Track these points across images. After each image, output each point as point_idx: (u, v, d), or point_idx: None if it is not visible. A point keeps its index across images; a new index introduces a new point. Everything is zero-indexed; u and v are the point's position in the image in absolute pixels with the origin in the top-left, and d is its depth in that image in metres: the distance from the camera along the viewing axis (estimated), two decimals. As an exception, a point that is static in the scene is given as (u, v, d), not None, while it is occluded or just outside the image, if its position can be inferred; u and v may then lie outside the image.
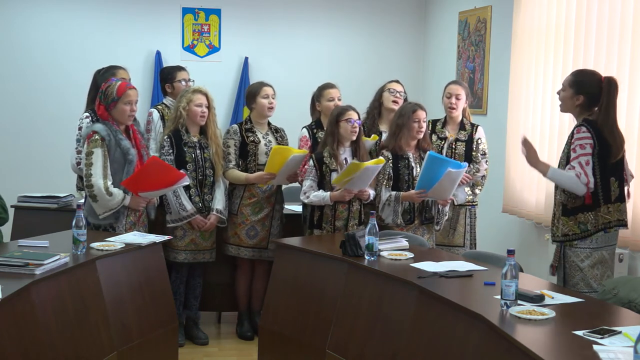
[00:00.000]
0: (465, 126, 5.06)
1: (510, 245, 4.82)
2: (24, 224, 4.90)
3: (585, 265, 3.77)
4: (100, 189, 4.11)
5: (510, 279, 2.83)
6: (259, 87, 4.88)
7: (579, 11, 4.98)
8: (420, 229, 4.70)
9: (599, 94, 3.76)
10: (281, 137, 4.99)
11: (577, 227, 3.77)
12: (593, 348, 2.41)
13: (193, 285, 4.87)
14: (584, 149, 3.72)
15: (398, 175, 4.63)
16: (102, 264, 3.63)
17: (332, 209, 4.61)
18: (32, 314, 3.07)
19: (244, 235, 4.85)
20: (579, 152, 3.73)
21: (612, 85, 3.76)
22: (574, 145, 3.76)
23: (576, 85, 3.82)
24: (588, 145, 3.71)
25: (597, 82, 3.79)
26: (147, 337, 3.88)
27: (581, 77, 3.86)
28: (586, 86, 3.80)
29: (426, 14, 7.73)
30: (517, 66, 5.76)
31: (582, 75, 3.89)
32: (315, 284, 3.96)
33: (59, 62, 7.12)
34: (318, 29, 7.61)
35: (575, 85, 3.82)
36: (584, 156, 3.72)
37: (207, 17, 7.38)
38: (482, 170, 5.03)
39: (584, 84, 3.81)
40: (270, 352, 4.16)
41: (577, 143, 3.75)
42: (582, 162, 3.72)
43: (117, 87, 4.22)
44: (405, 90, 5.11)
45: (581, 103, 3.81)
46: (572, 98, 3.83)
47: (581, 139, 3.73)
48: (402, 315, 3.33)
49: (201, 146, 4.71)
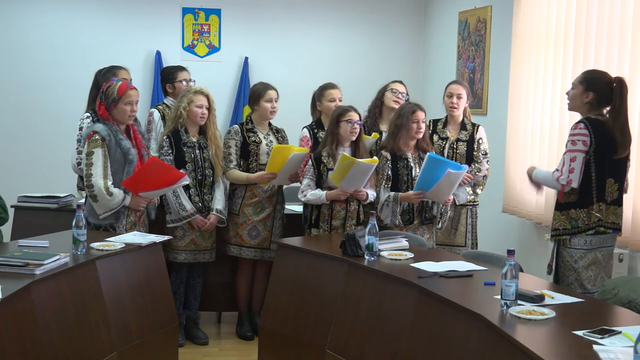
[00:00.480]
0: (467, 126, 5.06)
1: (510, 245, 4.83)
2: (24, 224, 4.90)
3: (579, 265, 3.78)
4: (101, 189, 4.12)
5: (510, 279, 2.83)
6: (263, 90, 4.86)
7: (579, 11, 4.98)
8: (420, 229, 4.70)
9: (608, 93, 3.79)
10: (282, 137, 4.99)
11: (569, 223, 3.80)
12: (593, 348, 2.41)
13: (193, 285, 4.87)
14: (575, 145, 3.76)
15: (397, 176, 4.63)
16: (102, 264, 3.63)
17: (329, 208, 4.62)
18: (32, 314, 3.07)
19: (246, 235, 4.85)
20: (569, 147, 3.80)
21: (623, 86, 3.79)
22: (567, 141, 3.82)
23: (587, 82, 3.85)
24: (580, 142, 3.74)
25: (607, 81, 3.83)
26: (147, 337, 3.88)
27: (592, 75, 3.91)
28: (597, 84, 3.83)
29: (426, 14, 7.73)
30: (517, 66, 5.76)
31: (594, 74, 3.95)
32: (315, 284, 3.96)
33: (59, 62, 7.12)
34: (318, 29, 7.61)
35: (586, 82, 3.86)
36: (572, 152, 3.77)
37: (207, 17, 7.38)
38: (483, 170, 5.03)
39: (595, 81, 3.85)
40: (270, 352, 4.16)
41: (569, 139, 3.81)
42: (566, 158, 3.79)
43: (117, 87, 4.22)
44: (407, 91, 5.11)
45: (590, 100, 3.83)
46: (582, 95, 3.85)
47: (575, 135, 3.78)
48: (402, 315, 3.33)
49: (200, 146, 4.71)
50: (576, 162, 3.74)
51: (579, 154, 3.74)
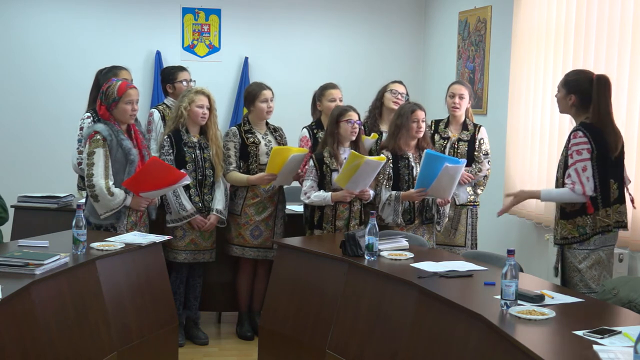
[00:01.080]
0: (468, 126, 5.06)
1: (510, 245, 4.83)
2: (24, 224, 4.90)
3: (583, 266, 3.77)
4: (102, 189, 4.11)
5: (510, 279, 2.83)
6: (258, 91, 4.86)
7: (579, 11, 4.98)
8: (421, 229, 4.70)
9: (590, 92, 3.75)
10: (280, 136, 5.00)
11: (576, 231, 3.76)
12: (593, 348, 2.41)
13: (193, 285, 4.87)
14: (581, 155, 3.71)
15: (398, 175, 4.63)
16: (102, 264, 3.63)
17: (333, 209, 4.62)
18: (32, 314, 3.07)
19: (249, 235, 4.86)
20: (576, 158, 3.72)
21: (602, 83, 3.74)
22: (570, 151, 3.75)
23: (567, 85, 3.83)
24: (585, 150, 3.70)
25: (587, 81, 3.77)
26: (147, 337, 3.88)
27: (572, 77, 3.87)
28: (577, 85, 3.79)
29: (426, 14, 7.74)
30: (517, 66, 5.76)
31: (573, 75, 3.90)
32: (315, 284, 3.96)
33: (59, 62, 7.12)
34: (318, 29, 7.61)
35: (567, 86, 3.83)
36: (581, 162, 3.71)
37: (207, 17, 7.39)
38: (484, 170, 5.03)
39: (575, 82, 3.81)
40: (270, 352, 4.16)
41: (573, 149, 3.74)
42: (578, 168, 3.71)
43: (117, 87, 4.22)
44: (407, 92, 5.11)
45: (574, 103, 3.81)
46: (565, 98, 3.84)
47: (577, 144, 3.72)
48: (402, 315, 3.33)
49: (201, 146, 4.71)
50: (587, 171, 3.70)
51: (587, 163, 3.70)
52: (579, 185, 3.70)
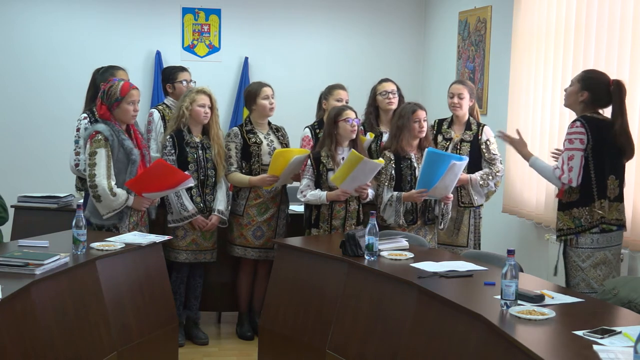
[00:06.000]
0: (472, 126, 5.02)
1: (510, 245, 4.83)
2: (24, 224, 4.91)
3: (586, 265, 3.78)
4: (104, 189, 4.11)
5: (510, 279, 2.83)
6: (258, 88, 4.87)
7: (579, 11, 4.98)
8: (423, 230, 4.70)
9: (603, 95, 3.81)
10: (282, 135, 5.00)
11: (572, 222, 3.82)
12: (593, 348, 2.41)
13: (193, 285, 4.87)
14: (572, 144, 3.79)
15: (400, 176, 4.63)
16: (102, 264, 3.63)
17: (329, 208, 4.61)
18: (32, 314, 3.07)
19: (251, 236, 4.85)
20: (566, 146, 3.83)
21: (620, 88, 3.80)
22: (564, 139, 3.85)
23: (584, 81, 3.88)
24: (578, 140, 3.76)
25: (605, 83, 3.85)
26: (147, 337, 3.88)
27: (590, 75, 3.94)
28: (593, 84, 3.85)
29: (426, 14, 7.73)
30: (517, 66, 5.76)
31: (592, 73, 3.98)
32: (315, 284, 3.96)
33: (59, 62, 7.12)
34: (318, 29, 7.61)
35: (583, 81, 3.88)
36: (569, 151, 3.80)
37: (207, 17, 7.38)
38: (501, 171, 5.02)
39: (592, 80, 3.87)
40: (270, 352, 4.16)
41: (567, 137, 3.84)
42: (564, 157, 3.81)
43: (120, 87, 4.22)
44: (398, 86, 5.08)
45: (584, 99, 3.85)
46: (577, 93, 3.88)
47: (572, 133, 3.81)
48: (402, 315, 3.33)
49: (203, 146, 4.71)
50: (574, 160, 3.76)
51: (576, 152, 3.76)
52: (559, 170, 3.82)
